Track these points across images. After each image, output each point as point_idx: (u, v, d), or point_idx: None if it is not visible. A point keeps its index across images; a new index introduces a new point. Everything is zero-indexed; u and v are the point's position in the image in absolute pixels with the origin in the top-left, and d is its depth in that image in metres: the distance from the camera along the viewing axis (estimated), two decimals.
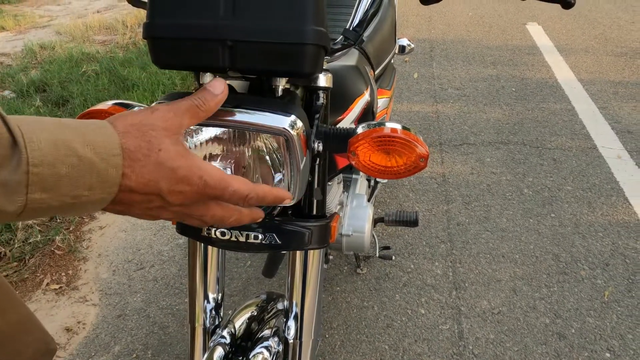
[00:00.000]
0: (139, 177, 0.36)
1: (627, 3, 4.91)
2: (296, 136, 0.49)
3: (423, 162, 0.54)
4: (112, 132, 0.35)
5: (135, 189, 0.36)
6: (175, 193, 0.38)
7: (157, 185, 0.37)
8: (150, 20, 0.47)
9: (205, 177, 0.38)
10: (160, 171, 0.36)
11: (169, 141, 0.37)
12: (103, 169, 0.33)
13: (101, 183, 0.34)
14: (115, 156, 0.34)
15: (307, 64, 0.47)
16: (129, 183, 0.36)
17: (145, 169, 0.36)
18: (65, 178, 0.32)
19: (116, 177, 0.35)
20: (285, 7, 0.45)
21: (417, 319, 1.43)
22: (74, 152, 0.32)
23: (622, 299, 1.47)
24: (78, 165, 0.32)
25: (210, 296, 0.70)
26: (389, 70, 1.41)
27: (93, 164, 0.33)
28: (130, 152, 0.35)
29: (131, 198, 0.37)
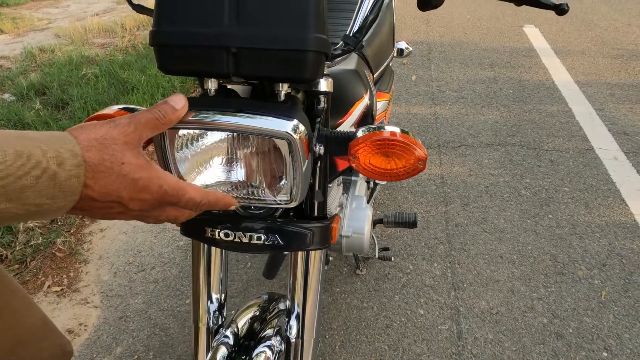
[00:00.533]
0: (101, 188, 0.38)
1: (623, 5, 4.95)
2: (298, 140, 0.50)
3: (422, 165, 0.55)
4: (74, 144, 0.37)
5: (97, 198, 0.38)
6: (136, 201, 0.41)
7: (119, 194, 0.39)
8: (157, 28, 0.49)
9: (164, 186, 0.42)
10: (123, 182, 0.39)
11: (131, 154, 0.40)
12: (65, 179, 0.35)
13: (63, 192, 0.35)
14: (78, 167, 0.36)
15: (309, 70, 0.49)
16: (90, 193, 0.38)
17: (108, 180, 0.38)
18: (29, 189, 0.33)
19: (78, 186, 0.36)
20: (288, 16, 0.47)
21: (416, 320, 1.44)
22: (38, 165, 0.34)
23: (619, 299, 1.49)
24: (42, 176, 0.34)
25: (214, 296, 0.71)
26: (387, 73, 1.43)
27: (56, 175, 0.35)
28: (94, 165, 0.37)
29: (92, 205, 0.39)
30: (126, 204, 0.40)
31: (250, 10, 0.47)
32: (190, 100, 0.52)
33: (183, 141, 0.52)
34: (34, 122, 2.47)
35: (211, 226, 0.61)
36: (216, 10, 0.47)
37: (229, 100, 0.52)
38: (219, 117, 0.49)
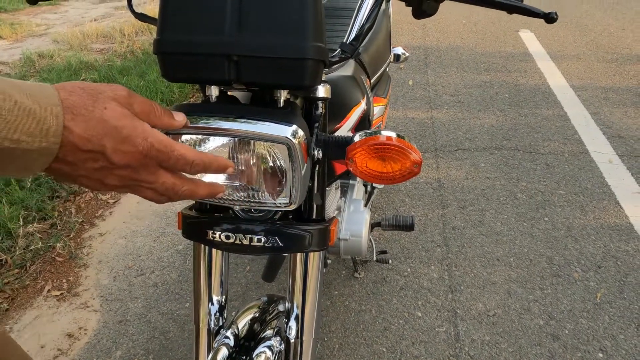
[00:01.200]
0: (82, 132, 0.36)
1: (617, 10, 5.00)
2: (297, 144, 0.52)
3: (417, 168, 0.57)
4: (50, 88, 0.36)
5: (79, 145, 0.36)
6: (120, 152, 0.38)
7: (101, 142, 0.37)
8: (160, 36, 0.51)
9: (150, 138, 0.39)
10: (104, 128, 0.37)
11: (114, 104, 0.38)
12: (42, 116, 0.34)
13: (41, 131, 0.34)
14: (55, 106, 0.35)
15: (308, 77, 0.50)
16: (71, 138, 0.36)
17: (89, 124, 0.36)
18: (2, 120, 0.32)
19: (57, 126, 0.35)
20: (288, 25, 0.49)
21: (414, 322, 1.45)
22: (9, 97, 0.32)
23: (614, 300, 1.50)
24: (14, 109, 0.32)
25: (215, 298, 0.72)
26: (384, 79, 1.45)
27: (31, 110, 0.33)
28: (73, 107, 0.36)
29: (75, 156, 0.37)
30: (109, 156, 0.37)
31: (251, 19, 0.49)
32: (192, 106, 0.54)
33: None
34: None
35: (212, 228, 0.62)
36: (218, 19, 0.49)
37: (230, 107, 0.53)
38: (221, 122, 0.51)
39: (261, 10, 0.49)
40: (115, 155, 0.38)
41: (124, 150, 0.38)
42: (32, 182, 2.04)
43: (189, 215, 0.65)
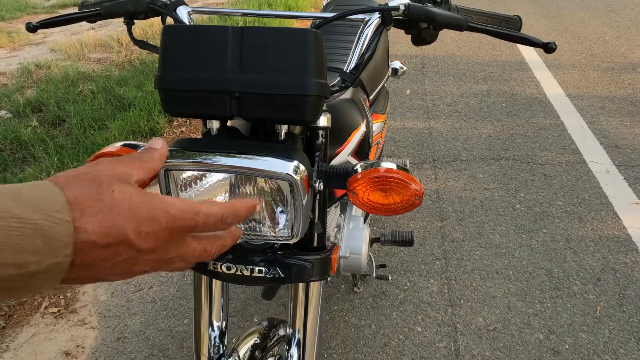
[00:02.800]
0: (95, 227, 0.31)
1: (612, 18, 5.05)
2: (299, 180, 0.52)
3: (418, 200, 0.57)
4: (52, 186, 0.31)
5: (97, 243, 0.31)
6: (144, 236, 0.33)
7: (121, 231, 0.32)
8: (162, 72, 0.51)
9: (170, 210, 0.34)
10: (120, 214, 0.32)
11: (120, 183, 0.34)
12: (48, 227, 0.29)
13: (50, 245, 0.29)
14: (63, 211, 0.30)
15: (309, 112, 0.51)
16: (85, 237, 0.30)
17: (101, 215, 0.31)
18: (5, 245, 0.27)
19: (67, 235, 0.29)
20: (289, 62, 0.49)
21: (414, 337, 1.45)
22: (12, 215, 0.28)
23: (614, 314, 1.50)
24: (16, 227, 0.28)
25: (215, 324, 0.72)
26: (382, 94, 1.46)
27: (36, 224, 0.28)
28: (78, 201, 0.31)
29: (94, 256, 0.31)
30: (134, 242, 0.32)
31: (252, 56, 0.49)
32: (193, 141, 0.54)
33: (187, 182, 0.54)
34: (31, 139, 2.47)
35: (213, 260, 0.62)
36: (220, 56, 0.49)
37: (230, 141, 0.53)
38: (222, 159, 0.51)
39: (263, 48, 0.49)
40: (140, 240, 0.33)
41: (148, 231, 0.33)
42: None
43: None
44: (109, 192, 0.32)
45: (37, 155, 2.34)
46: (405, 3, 0.64)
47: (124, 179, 0.34)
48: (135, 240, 0.33)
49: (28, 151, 2.41)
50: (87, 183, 0.32)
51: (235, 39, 0.49)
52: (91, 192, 0.32)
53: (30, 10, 6.55)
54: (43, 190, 0.30)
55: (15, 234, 0.27)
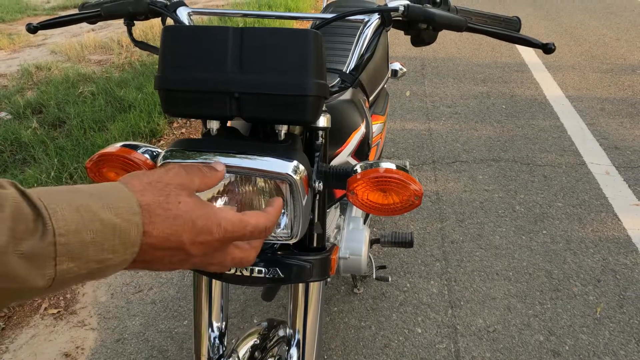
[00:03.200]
0: (159, 232, 0.36)
1: (611, 20, 5.05)
2: (299, 180, 0.52)
3: (417, 200, 0.57)
4: (127, 192, 0.35)
5: (157, 245, 0.36)
6: (197, 244, 0.38)
7: (179, 239, 0.37)
8: (162, 73, 0.51)
9: (223, 223, 0.39)
10: (182, 224, 0.37)
11: (186, 193, 0.38)
12: (125, 229, 0.33)
13: (123, 244, 0.34)
14: (135, 214, 0.34)
15: (309, 113, 0.51)
16: (150, 240, 0.35)
17: (166, 223, 0.36)
18: (91, 244, 0.32)
19: (137, 235, 0.34)
20: (289, 63, 0.49)
21: (414, 339, 1.45)
22: (96, 217, 0.32)
23: (614, 315, 1.50)
24: (102, 229, 0.32)
25: (215, 325, 0.72)
26: (382, 96, 1.46)
27: (115, 226, 0.33)
28: (149, 208, 0.35)
29: (153, 255, 0.36)
30: (188, 249, 0.38)
31: (252, 57, 0.49)
32: (193, 141, 0.54)
33: None
34: (31, 140, 2.47)
35: None
36: (219, 57, 0.49)
37: (230, 142, 0.53)
38: (222, 159, 0.51)
39: (262, 49, 0.49)
40: (193, 247, 0.38)
41: (201, 241, 0.38)
42: None
43: None
44: (176, 202, 0.37)
45: (37, 157, 2.34)
46: (404, 4, 0.64)
47: (188, 188, 0.39)
48: (189, 247, 0.38)
49: (28, 152, 2.41)
50: (158, 192, 0.37)
51: (235, 39, 0.49)
52: (160, 201, 0.36)
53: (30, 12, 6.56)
54: (121, 194, 0.35)
55: (100, 235, 0.32)
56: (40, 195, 0.31)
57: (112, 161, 0.60)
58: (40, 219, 0.29)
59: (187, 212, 0.37)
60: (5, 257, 0.27)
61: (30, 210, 0.29)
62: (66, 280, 0.31)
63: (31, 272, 0.29)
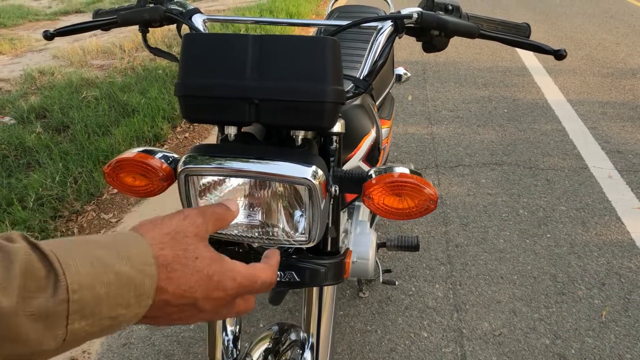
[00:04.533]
0: (175, 289, 0.34)
1: (611, 24, 5.08)
2: (318, 185, 0.52)
3: (433, 204, 0.58)
4: (142, 241, 0.34)
5: (171, 302, 0.34)
6: (210, 300, 0.37)
7: (194, 295, 0.35)
8: (182, 80, 0.52)
9: (237, 278, 0.38)
10: (198, 280, 0.35)
11: (203, 246, 0.37)
12: (139, 281, 0.31)
13: (137, 298, 0.31)
14: (150, 266, 0.33)
15: (327, 119, 0.51)
16: (164, 297, 0.34)
17: (183, 279, 0.34)
18: (105, 299, 0.29)
19: (151, 288, 0.32)
20: (307, 69, 0.50)
21: (420, 342, 1.45)
22: (111, 269, 0.30)
23: (620, 319, 1.51)
24: (115, 282, 0.30)
25: (229, 329, 0.72)
26: (388, 100, 1.47)
27: (130, 278, 0.31)
28: (167, 264, 0.34)
29: (164, 311, 0.35)
30: (200, 305, 0.36)
31: (272, 64, 0.50)
32: (211, 147, 0.54)
33: (206, 187, 0.55)
34: (35, 145, 2.48)
35: None
36: (239, 64, 0.50)
37: (248, 147, 0.54)
38: (241, 164, 0.52)
39: (281, 56, 0.50)
40: (206, 303, 0.36)
41: (215, 297, 0.37)
42: (34, 202, 2.03)
43: None
44: (193, 257, 0.35)
45: (41, 161, 2.35)
46: (418, 11, 0.65)
47: (203, 238, 0.38)
48: (202, 304, 0.36)
49: (32, 157, 2.42)
50: (177, 244, 0.35)
51: (254, 46, 0.50)
52: (179, 255, 0.35)
53: (32, 17, 6.58)
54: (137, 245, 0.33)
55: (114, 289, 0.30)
56: (53, 248, 0.29)
57: (130, 166, 0.61)
58: (52, 274, 0.27)
59: (205, 268, 0.36)
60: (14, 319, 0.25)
61: (42, 264, 0.27)
62: (76, 340, 0.29)
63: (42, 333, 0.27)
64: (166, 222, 0.36)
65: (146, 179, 0.61)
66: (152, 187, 0.61)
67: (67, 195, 2.10)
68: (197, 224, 0.37)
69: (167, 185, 0.62)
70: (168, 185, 0.62)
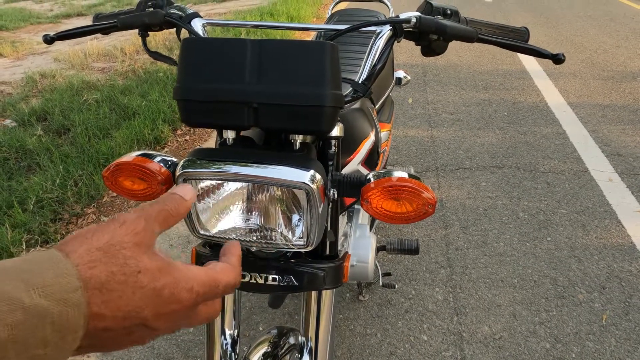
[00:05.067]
0: (115, 312, 0.29)
1: (612, 28, 5.09)
2: (316, 189, 0.52)
3: (431, 209, 0.58)
4: (64, 262, 0.27)
5: (112, 327, 0.29)
6: (164, 317, 0.31)
7: (140, 315, 0.30)
8: (181, 84, 0.52)
9: (195, 287, 0.33)
10: (143, 297, 0.30)
11: (147, 257, 0.31)
12: (59, 313, 0.26)
13: (60, 333, 0.26)
14: (74, 292, 0.27)
15: (325, 123, 0.52)
16: (102, 324, 0.28)
17: (124, 299, 0.29)
18: (10, 343, 0.24)
19: (79, 318, 0.27)
20: (305, 73, 0.50)
21: (420, 346, 1.45)
22: (17, 305, 0.24)
23: (620, 322, 1.50)
24: (25, 320, 0.24)
25: (227, 333, 0.72)
26: (387, 104, 1.47)
27: (45, 312, 0.25)
28: (101, 285, 0.28)
29: (105, 337, 0.29)
30: (151, 324, 0.31)
31: (270, 69, 0.50)
32: (210, 151, 0.55)
33: (205, 191, 0.55)
34: (36, 148, 2.49)
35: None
36: (238, 68, 0.50)
37: (247, 151, 0.54)
38: (240, 168, 0.52)
39: (280, 60, 0.50)
40: (158, 321, 0.31)
41: (168, 312, 0.31)
42: (34, 205, 2.03)
43: (203, 253, 0.65)
44: (135, 272, 0.30)
45: (42, 164, 2.35)
46: (416, 15, 0.65)
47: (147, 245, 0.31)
48: (152, 322, 0.31)
49: (33, 160, 2.42)
50: (111, 260, 0.29)
51: (253, 51, 0.50)
52: (115, 272, 0.29)
53: (34, 20, 6.61)
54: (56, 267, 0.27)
55: (22, 331, 0.24)
56: None
57: (129, 170, 0.61)
58: None
59: (150, 282, 0.30)
60: None
61: None
62: None
63: None
64: (97, 235, 0.30)
65: (145, 182, 0.61)
66: (151, 190, 0.62)
67: (68, 198, 2.10)
68: (136, 231, 0.31)
69: (166, 189, 0.62)
70: (167, 189, 0.62)
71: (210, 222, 0.57)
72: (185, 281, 0.32)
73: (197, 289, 0.33)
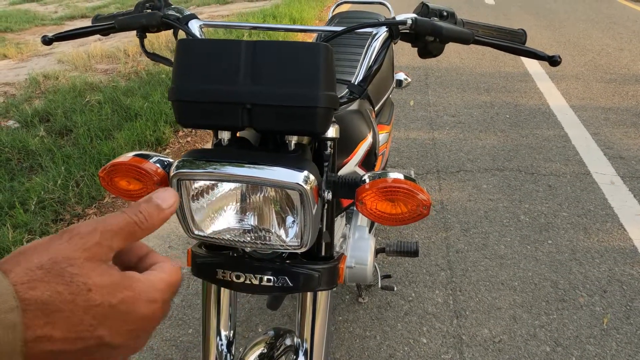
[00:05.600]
0: (65, 334, 0.26)
1: (615, 30, 5.08)
2: (309, 190, 0.53)
3: (425, 210, 0.58)
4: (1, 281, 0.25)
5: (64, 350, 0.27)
6: (124, 333, 0.29)
7: (95, 334, 0.28)
8: (175, 85, 0.52)
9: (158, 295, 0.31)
10: (97, 316, 0.27)
11: (98, 274, 0.28)
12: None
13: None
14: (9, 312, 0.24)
15: (318, 124, 0.52)
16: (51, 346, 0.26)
17: (74, 319, 0.26)
18: None
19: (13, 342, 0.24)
20: (299, 74, 0.50)
21: (419, 349, 1.44)
22: None
23: (621, 326, 1.49)
24: None
25: (223, 334, 0.72)
26: (387, 106, 1.47)
27: None
28: (44, 304, 0.26)
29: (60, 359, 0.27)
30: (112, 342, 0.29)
31: (264, 69, 0.50)
32: (205, 151, 0.55)
33: (199, 191, 0.55)
34: (38, 149, 2.50)
35: (222, 268, 0.63)
36: (233, 69, 0.50)
37: (241, 152, 0.54)
38: (234, 169, 0.52)
39: (274, 61, 0.50)
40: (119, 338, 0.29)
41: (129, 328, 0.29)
42: (35, 205, 2.04)
43: (199, 254, 0.65)
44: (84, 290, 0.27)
45: (44, 165, 2.36)
46: (412, 17, 0.65)
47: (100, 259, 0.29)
48: (112, 340, 0.29)
49: (35, 160, 2.43)
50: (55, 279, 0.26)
51: (247, 52, 0.51)
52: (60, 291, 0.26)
53: (38, 21, 6.65)
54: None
55: None
56: None
57: (124, 171, 0.61)
58: None
59: (104, 299, 0.28)
60: None
61: None
62: None
63: None
64: (39, 251, 0.27)
65: (140, 183, 0.61)
66: (147, 191, 0.62)
67: (69, 199, 2.11)
68: (86, 247, 0.28)
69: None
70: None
71: (204, 223, 0.57)
72: (146, 292, 0.30)
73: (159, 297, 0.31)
